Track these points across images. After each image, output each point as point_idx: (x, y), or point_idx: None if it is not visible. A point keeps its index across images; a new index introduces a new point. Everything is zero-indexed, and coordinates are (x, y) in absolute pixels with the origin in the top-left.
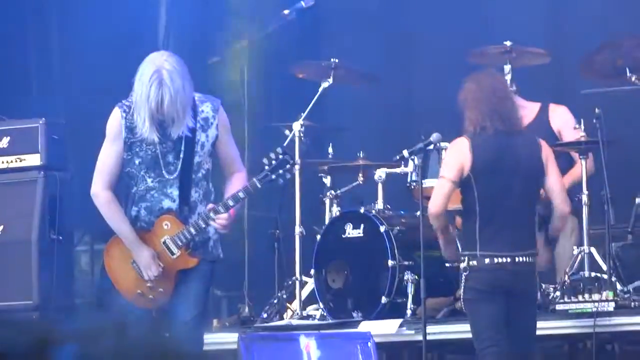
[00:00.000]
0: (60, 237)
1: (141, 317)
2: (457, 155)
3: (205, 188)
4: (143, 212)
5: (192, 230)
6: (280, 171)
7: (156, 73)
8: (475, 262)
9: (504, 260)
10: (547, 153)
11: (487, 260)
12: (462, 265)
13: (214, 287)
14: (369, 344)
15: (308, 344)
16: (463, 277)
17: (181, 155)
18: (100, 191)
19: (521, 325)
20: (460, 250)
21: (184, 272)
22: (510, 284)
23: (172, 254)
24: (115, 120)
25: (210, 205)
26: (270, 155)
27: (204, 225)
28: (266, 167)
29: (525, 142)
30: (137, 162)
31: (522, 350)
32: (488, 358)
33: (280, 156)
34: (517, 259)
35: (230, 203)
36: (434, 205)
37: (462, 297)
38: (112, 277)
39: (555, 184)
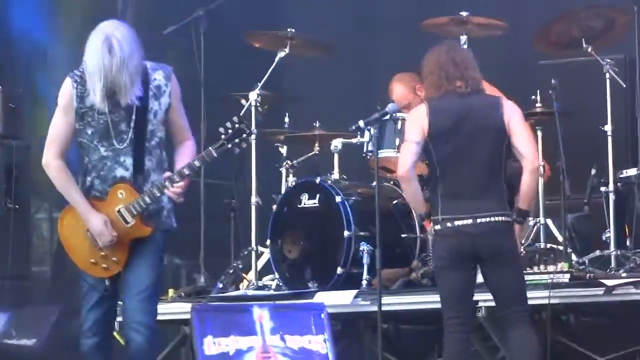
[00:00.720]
0: (17, 206)
1: (94, 286)
2: (415, 121)
3: (158, 156)
4: (97, 181)
5: (147, 199)
6: (237, 140)
7: (106, 41)
8: (438, 227)
9: (464, 222)
10: (510, 111)
11: (448, 224)
12: (430, 231)
13: (174, 256)
14: (322, 315)
15: (261, 315)
16: (430, 243)
17: (132, 125)
18: (51, 160)
19: (499, 286)
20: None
21: (138, 242)
22: (474, 247)
23: (127, 222)
24: (66, 90)
25: (167, 174)
26: (227, 124)
27: (158, 194)
28: (222, 136)
29: (484, 102)
30: (89, 132)
31: (508, 312)
32: (450, 330)
33: (237, 125)
34: (478, 220)
35: (186, 172)
36: (401, 166)
37: (431, 264)
38: (65, 246)
39: (519, 138)
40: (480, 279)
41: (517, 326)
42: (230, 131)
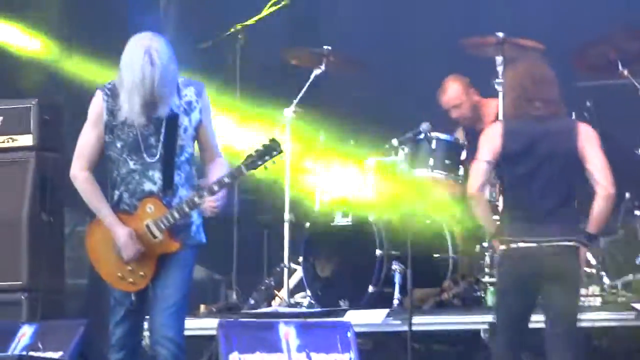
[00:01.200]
0: (51, 219)
1: (120, 301)
2: (489, 140)
3: (187, 172)
4: (125, 194)
5: (176, 214)
6: (267, 158)
7: (147, 53)
8: (504, 247)
9: (529, 245)
10: (585, 137)
11: (512, 245)
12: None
13: (215, 272)
14: (349, 333)
15: (287, 332)
16: (497, 262)
17: (161, 139)
18: (78, 172)
19: (555, 310)
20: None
21: (167, 257)
22: (536, 270)
23: (155, 237)
24: (97, 103)
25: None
26: (259, 142)
27: (187, 210)
28: (253, 153)
29: (560, 127)
30: (118, 145)
31: (559, 334)
32: (505, 347)
33: (268, 142)
34: (543, 244)
35: (215, 188)
36: (469, 186)
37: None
38: (93, 259)
39: (594, 166)
40: None
41: (561, 349)
42: (261, 149)
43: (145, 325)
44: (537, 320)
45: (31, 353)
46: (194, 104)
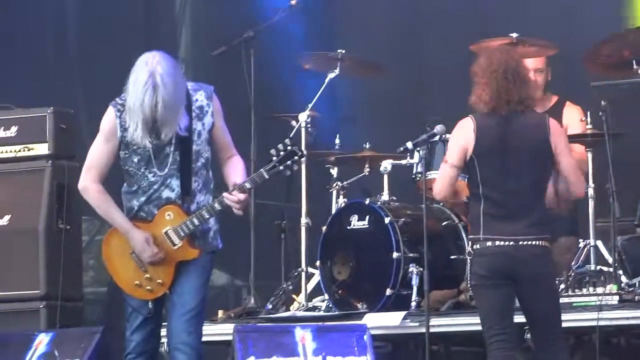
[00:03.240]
0: (69, 227)
1: (138, 309)
2: (460, 137)
3: (205, 177)
4: (145, 205)
5: (196, 221)
6: (288, 162)
7: (150, 78)
8: (478, 246)
9: (506, 243)
10: (556, 134)
11: (488, 244)
12: (468, 249)
13: (236, 278)
14: (365, 336)
15: (303, 336)
16: (468, 261)
17: (172, 149)
18: (90, 184)
19: (534, 311)
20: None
21: (184, 264)
22: (513, 269)
23: (174, 244)
24: (110, 120)
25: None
26: (279, 146)
27: (207, 216)
28: (274, 158)
29: (533, 122)
30: (135, 160)
31: (542, 337)
32: (494, 346)
33: (289, 147)
34: (520, 243)
35: (237, 194)
36: (437, 192)
37: (469, 283)
38: (110, 268)
39: (566, 167)
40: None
41: (549, 352)
42: (282, 153)
43: (163, 331)
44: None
45: None
46: (205, 107)
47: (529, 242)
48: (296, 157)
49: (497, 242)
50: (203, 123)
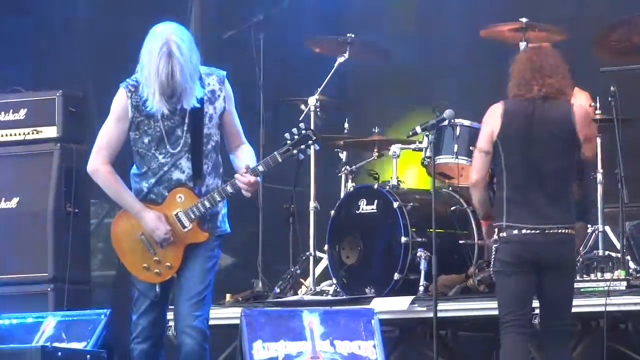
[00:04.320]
0: (77, 210)
1: (145, 293)
2: (488, 122)
3: (214, 160)
4: (155, 186)
5: (207, 204)
6: (302, 146)
7: (165, 45)
8: (504, 234)
9: (532, 231)
10: (582, 121)
11: (514, 232)
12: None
13: (245, 262)
14: (372, 320)
15: (311, 320)
16: (493, 248)
17: (185, 128)
18: (100, 165)
19: (551, 299)
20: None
21: (192, 247)
22: (538, 257)
23: (184, 227)
24: (121, 100)
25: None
26: (293, 130)
27: (219, 199)
28: (288, 142)
29: (561, 111)
30: (146, 140)
31: (554, 324)
32: (507, 330)
33: (303, 131)
34: (546, 231)
35: (250, 176)
36: (470, 178)
37: (492, 268)
38: (118, 251)
39: (586, 157)
40: None
41: (556, 340)
42: (296, 137)
43: (169, 315)
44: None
45: (55, 344)
46: (217, 92)
47: (555, 230)
48: (310, 142)
49: (524, 231)
50: (215, 107)
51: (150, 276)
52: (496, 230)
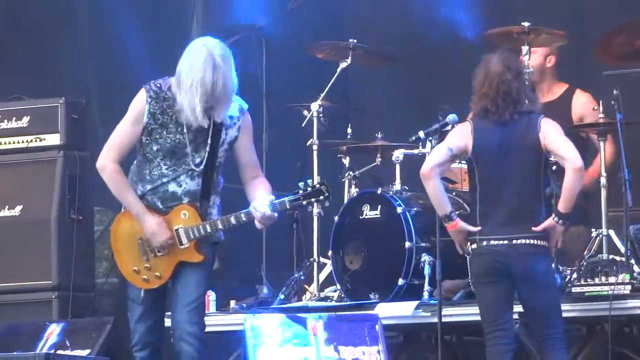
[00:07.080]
0: (80, 217)
1: (133, 299)
2: (460, 134)
3: (215, 179)
4: (149, 193)
5: (208, 229)
6: (313, 199)
7: (210, 57)
8: (475, 246)
9: (500, 242)
10: (546, 128)
11: (484, 243)
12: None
13: (248, 268)
14: (377, 326)
15: (315, 326)
16: (468, 261)
17: (207, 149)
18: (108, 163)
19: (531, 308)
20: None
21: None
22: (507, 267)
23: (181, 244)
24: (140, 103)
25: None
26: (308, 181)
27: (222, 228)
28: (300, 191)
29: (526, 123)
30: (154, 148)
31: (542, 334)
32: (491, 342)
33: (317, 185)
34: (514, 241)
35: (259, 215)
36: (424, 164)
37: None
38: (114, 248)
39: (556, 144)
40: None
41: (551, 349)
42: (309, 189)
43: (167, 322)
44: None
45: (59, 352)
46: (234, 119)
47: (522, 242)
48: (322, 197)
49: (492, 242)
50: (227, 132)
51: (138, 281)
52: (469, 242)
